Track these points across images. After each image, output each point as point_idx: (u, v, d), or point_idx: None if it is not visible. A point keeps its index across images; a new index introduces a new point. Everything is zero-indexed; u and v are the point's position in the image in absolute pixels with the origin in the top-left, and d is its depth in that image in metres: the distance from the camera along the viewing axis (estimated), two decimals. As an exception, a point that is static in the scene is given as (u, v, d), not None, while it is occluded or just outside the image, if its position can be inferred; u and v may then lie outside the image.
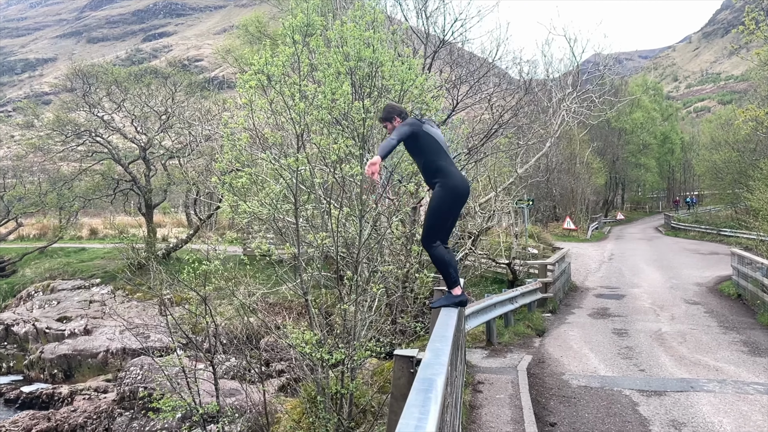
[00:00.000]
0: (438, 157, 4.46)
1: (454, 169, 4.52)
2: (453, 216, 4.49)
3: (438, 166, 4.44)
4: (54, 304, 20.75)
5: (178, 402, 8.36)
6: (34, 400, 14.61)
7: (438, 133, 4.66)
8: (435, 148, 4.47)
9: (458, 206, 4.52)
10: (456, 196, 4.41)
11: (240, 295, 13.06)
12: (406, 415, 2.44)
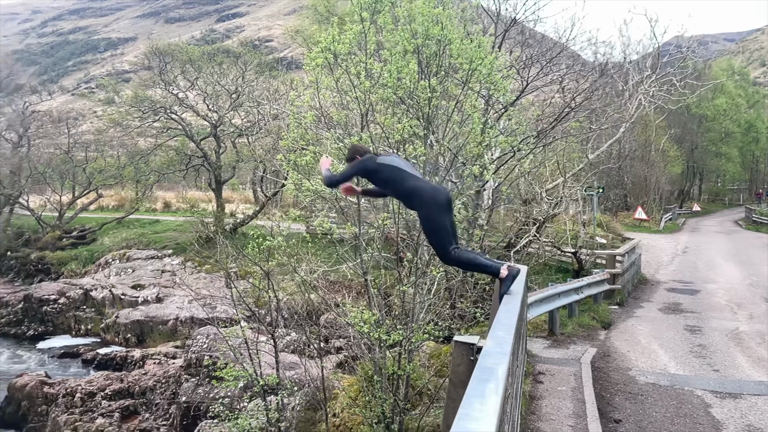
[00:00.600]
0: (403, 180, 4.56)
1: (423, 183, 4.59)
2: (445, 223, 4.50)
3: (408, 189, 4.54)
4: (129, 272, 21.93)
5: (240, 372, 8.63)
6: (109, 362, 15.54)
7: (395, 159, 4.78)
8: (396, 175, 4.58)
9: (444, 212, 4.51)
10: (436, 207, 4.44)
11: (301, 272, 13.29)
12: (466, 405, 2.33)
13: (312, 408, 9.06)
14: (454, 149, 9.92)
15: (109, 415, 12.33)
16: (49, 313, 18.45)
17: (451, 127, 9.46)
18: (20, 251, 25.46)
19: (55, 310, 18.56)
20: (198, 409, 11.27)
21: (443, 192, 4.58)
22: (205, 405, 11.24)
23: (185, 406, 11.57)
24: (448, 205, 4.49)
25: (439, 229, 4.44)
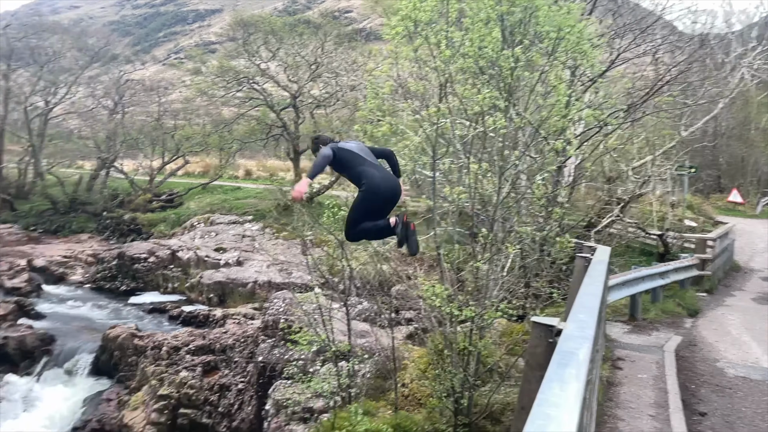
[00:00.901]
0: (357, 164, 4.83)
1: (375, 171, 4.81)
2: (377, 210, 4.77)
3: (359, 172, 4.80)
4: (212, 236, 23.03)
5: (313, 337, 8.88)
6: (192, 319, 16.47)
7: (353, 145, 5.02)
8: (352, 158, 4.84)
9: (379, 201, 4.79)
10: (376, 194, 4.73)
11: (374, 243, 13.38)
12: (545, 389, 2.24)
13: (381, 376, 9.21)
14: (536, 123, 9.54)
15: (192, 369, 13.10)
16: (139, 270, 19.76)
17: (534, 99, 9.09)
18: (115, 212, 27.32)
19: (145, 268, 19.84)
20: (273, 369, 11.75)
21: (391, 184, 4.83)
22: (280, 366, 11.69)
23: (261, 365, 12.09)
24: (392, 197, 4.80)
25: (367, 212, 4.71)
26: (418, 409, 8.00)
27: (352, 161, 4.88)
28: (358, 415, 7.13)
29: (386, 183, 4.87)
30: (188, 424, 12.33)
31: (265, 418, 11.12)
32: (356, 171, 4.85)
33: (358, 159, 4.89)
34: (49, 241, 25.02)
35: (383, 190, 4.79)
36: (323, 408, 9.44)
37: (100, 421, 12.45)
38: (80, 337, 14.90)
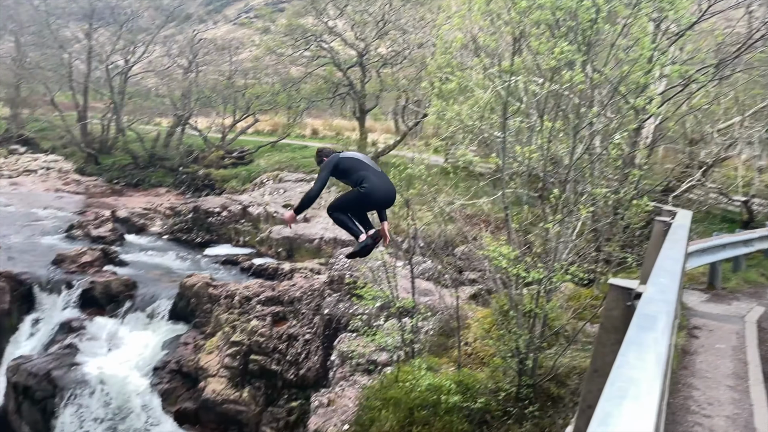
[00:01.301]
0: (360, 168, 5.11)
1: (376, 178, 5.08)
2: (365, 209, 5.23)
3: (362, 176, 5.06)
4: (281, 192, 23.65)
5: (378, 292, 9.04)
6: (262, 272, 17.13)
7: (356, 153, 5.40)
8: (355, 164, 5.14)
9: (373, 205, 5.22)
10: (372, 199, 5.09)
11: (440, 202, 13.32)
12: (624, 352, 2.18)
13: (444, 334, 9.30)
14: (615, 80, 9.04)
15: (262, 318, 13.71)
16: (213, 224, 20.64)
17: (614, 54, 8.58)
18: (190, 167, 28.50)
19: (218, 221, 20.70)
20: (338, 322, 12.11)
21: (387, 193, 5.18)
22: (344, 319, 12.03)
23: (327, 317, 12.48)
24: (386, 203, 5.24)
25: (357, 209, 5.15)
26: (481, 367, 8.05)
27: (356, 166, 5.19)
28: (422, 370, 7.26)
29: (385, 190, 5.20)
30: (258, 369, 12.99)
31: (330, 368, 11.54)
32: (358, 175, 5.12)
33: (362, 165, 5.19)
34: (130, 194, 26.53)
35: (380, 197, 5.15)
36: (387, 361, 9.68)
37: (179, 363, 13.33)
38: (160, 284, 15.85)
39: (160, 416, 12.28)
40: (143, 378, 12.91)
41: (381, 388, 8.07)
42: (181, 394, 12.88)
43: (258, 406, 12.79)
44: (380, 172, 5.33)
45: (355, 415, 8.63)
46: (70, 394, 12.06)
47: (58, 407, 11.99)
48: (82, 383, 12.21)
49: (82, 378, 12.27)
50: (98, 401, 11.97)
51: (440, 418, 7.03)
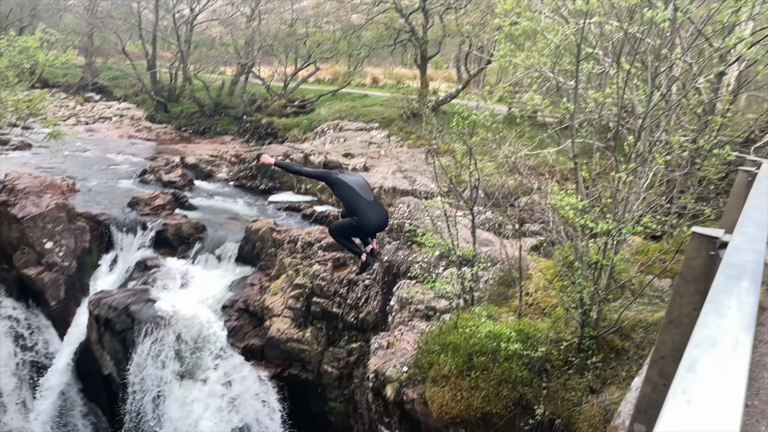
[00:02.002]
0: (354, 200, 5.90)
1: (369, 210, 5.89)
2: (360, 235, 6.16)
3: (355, 207, 5.89)
4: (341, 141, 23.77)
5: (438, 240, 9.05)
6: (323, 219, 17.46)
7: (353, 179, 6.05)
8: (351, 194, 5.87)
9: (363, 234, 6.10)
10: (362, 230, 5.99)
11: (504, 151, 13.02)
12: (713, 300, 2.10)
13: (504, 284, 9.26)
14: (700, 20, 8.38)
15: (323, 263, 14.09)
16: (276, 171, 21.10)
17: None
18: (253, 116, 29.00)
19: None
20: (398, 269, 12.27)
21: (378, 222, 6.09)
22: (404, 267, 12.17)
23: (386, 264, 12.66)
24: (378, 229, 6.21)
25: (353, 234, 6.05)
26: (542, 318, 8.00)
27: (351, 196, 5.93)
28: (482, 317, 7.30)
29: (376, 221, 6.03)
30: (320, 311, 13.46)
31: (389, 313, 11.79)
32: (352, 206, 5.91)
33: (355, 195, 5.91)
34: (197, 141, 27.39)
35: (372, 227, 6.04)
36: (445, 308, 9.79)
37: (245, 302, 13.98)
38: (227, 228, 16.49)
39: (229, 351, 13.01)
40: (213, 315, 13.64)
41: (440, 334, 8.19)
42: (248, 331, 13.56)
43: (320, 345, 13.31)
44: (372, 202, 6.07)
45: (413, 358, 8.84)
46: (147, 327, 12.92)
47: (136, 339, 12.89)
48: (157, 318, 13.03)
49: (157, 313, 13.08)
50: (172, 335, 12.78)
51: (499, 365, 7.09)
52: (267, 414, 12.56)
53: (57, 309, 14.43)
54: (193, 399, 12.38)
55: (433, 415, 7.64)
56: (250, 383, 12.74)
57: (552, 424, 6.60)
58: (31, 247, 14.46)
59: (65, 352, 14.21)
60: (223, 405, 12.33)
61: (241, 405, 12.51)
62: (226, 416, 12.23)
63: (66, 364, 14.07)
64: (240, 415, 12.46)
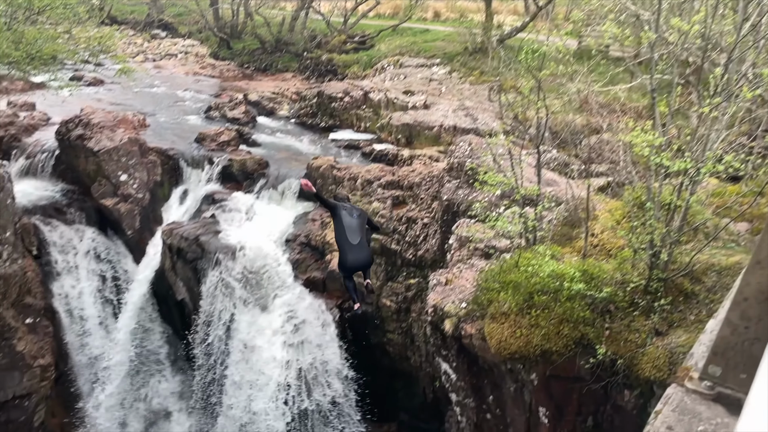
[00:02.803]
0: (342, 237, 7.02)
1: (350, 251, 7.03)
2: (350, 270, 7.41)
3: (340, 243, 7.07)
4: (401, 78, 23.33)
5: (501, 179, 8.88)
6: (383, 157, 17.43)
7: (348, 220, 7.08)
8: (341, 230, 7.00)
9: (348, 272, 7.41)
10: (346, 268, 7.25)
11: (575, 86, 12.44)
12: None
13: (569, 224, 9.06)
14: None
15: (382, 201, 14.20)
16: (336, 109, 21.04)
17: None
18: (314, 52, 28.76)
19: (341, 107, 21.04)
20: (457, 207, 12.21)
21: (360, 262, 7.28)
22: (463, 206, 12.09)
23: (446, 203, 12.62)
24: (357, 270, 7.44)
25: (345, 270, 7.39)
26: (607, 259, 7.82)
27: (339, 235, 7.13)
28: (546, 257, 7.21)
29: (352, 262, 7.21)
30: (379, 247, 13.68)
31: (447, 251, 11.85)
32: (339, 240, 7.15)
33: (342, 236, 7.09)
34: (259, 78, 27.58)
35: (347, 266, 7.24)
36: (506, 248, 9.71)
37: (307, 237, 14.37)
38: (289, 165, 16.78)
39: (292, 282, 13.53)
40: (277, 248, 14.13)
41: (500, 272, 8.18)
42: (310, 264, 14.01)
43: (378, 280, 13.62)
44: (355, 245, 7.14)
45: (472, 295, 8.91)
46: (215, 258, 13.56)
47: (206, 268, 13.58)
48: (225, 248, 13.63)
49: (224, 244, 13.68)
50: (239, 265, 13.38)
51: (561, 304, 7.05)
52: (327, 343, 13.12)
53: (133, 238, 15.33)
54: (259, 326, 13.07)
55: (491, 350, 7.75)
56: (312, 313, 13.28)
57: (613, 364, 6.56)
58: (108, 179, 15.26)
59: (142, 278, 15.19)
60: (286, 333, 12.96)
61: (303, 333, 13.11)
62: (289, 343, 12.86)
63: (143, 289, 15.07)
64: (302, 342, 13.07)
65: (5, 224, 12.38)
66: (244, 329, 13.11)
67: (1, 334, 12.31)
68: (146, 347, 15.13)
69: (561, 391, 7.49)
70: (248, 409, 12.75)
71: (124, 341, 14.62)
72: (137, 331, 14.93)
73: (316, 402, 12.76)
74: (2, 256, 12.25)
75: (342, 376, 13.17)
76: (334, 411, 12.99)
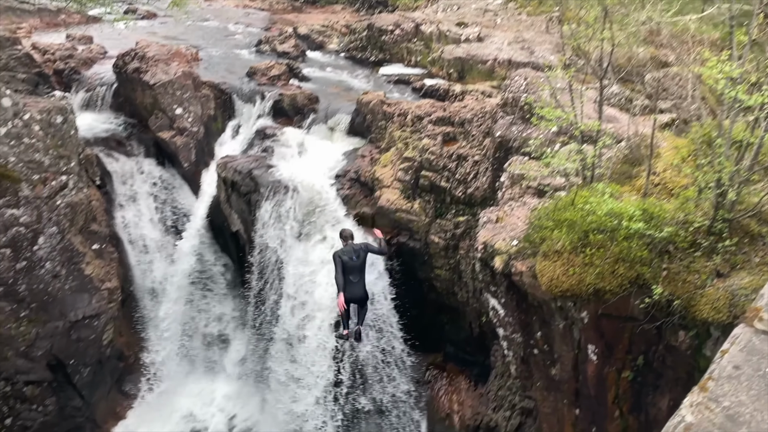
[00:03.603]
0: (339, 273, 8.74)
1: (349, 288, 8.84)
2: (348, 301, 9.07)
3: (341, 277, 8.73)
4: (454, 9, 22.42)
5: (559, 113, 8.56)
6: (434, 92, 17.06)
7: (350, 264, 8.83)
8: (339, 268, 8.73)
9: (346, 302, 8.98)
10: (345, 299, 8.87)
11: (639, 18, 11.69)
12: None
13: (629, 162, 8.74)
14: None
15: (432, 137, 14.01)
16: (386, 42, 20.53)
17: None
18: (363, -17, 27.87)
19: (391, 40, 20.51)
20: (510, 144, 11.95)
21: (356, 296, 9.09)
22: (517, 143, 11.82)
23: (498, 140, 12.36)
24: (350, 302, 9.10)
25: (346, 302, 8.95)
26: (669, 199, 7.55)
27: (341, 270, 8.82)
28: (604, 194, 7.02)
29: (351, 296, 8.95)
30: (428, 184, 13.64)
31: (498, 189, 11.70)
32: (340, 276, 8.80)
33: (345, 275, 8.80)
34: (308, 11, 27.06)
35: (346, 299, 8.84)
36: (560, 186, 9.50)
37: (357, 173, 14.44)
38: (338, 100, 16.68)
39: (342, 216, 13.74)
40: (327, 183, 14.29)
41: (555, 210, 8.04)
42: (359, 200, 14.14)
43: (427, 217, 13.66)
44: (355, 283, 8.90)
45: (524, 232, 8.83)
46: (268, 192, 13.84)
47: (259, 201, 13.91)
48: (277, 183, 13.87)
49: (276, 178, 13.91)
50: (291, 199, 13.63)
51: (617, 243, 6.91)
52: (377, 277, 13.40)
53: (189, 170, 15.78)
54: (311, 258, 13.43)
55: (542, 288, 7.74)
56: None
57: (669, 305, 6.46)
58: (164, 112, 15.59)
59: (199, 209, 15.73)
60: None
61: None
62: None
63: (200, 220, 15.65)
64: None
65: (70, 155, 12.93)
66: (296, 261, 13.51)
67: (70, 258, 13.12)
68: (204, 274, 15.89)
69: (612, 330, 7.47)
70: (301, 327, 13.31)
71: (183, 269, 15.37)
72: (195, 260, 15.64)
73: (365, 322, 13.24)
74: (68, 185, 12.88)
75: (388, 308, 13.49)
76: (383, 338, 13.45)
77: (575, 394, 8.52)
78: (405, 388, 14.02)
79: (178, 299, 15.51)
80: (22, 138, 12.11)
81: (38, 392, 12.88)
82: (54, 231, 12.70)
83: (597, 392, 8.01)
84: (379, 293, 13.32)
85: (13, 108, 12.02)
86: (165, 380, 15.43)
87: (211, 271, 15.91)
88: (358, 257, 8.93)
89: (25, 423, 12.87)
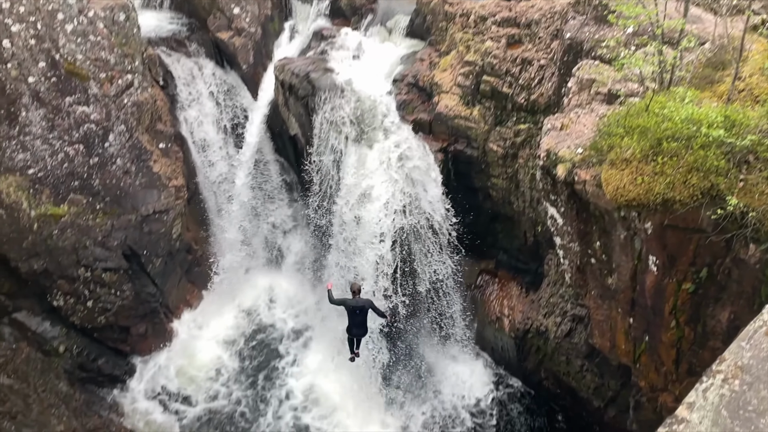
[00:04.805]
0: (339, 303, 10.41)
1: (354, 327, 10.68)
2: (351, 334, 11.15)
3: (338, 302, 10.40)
4: None
5: (640, 9, 7.92)
6: (499, -9, 16.01)
7: (352, 307, 10.34)
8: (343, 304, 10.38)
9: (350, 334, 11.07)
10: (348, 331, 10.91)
11: None
12: None
13: (712, 66, 8.13)
14: None
15: (496, 40, 13.36)
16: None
17: None
18: None
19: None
20: (580, 47, 11.27)
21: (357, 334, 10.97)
22: (588, 45, 11.13)
23: (568, 42, 11.66)
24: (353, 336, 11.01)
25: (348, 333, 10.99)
26: (754, 106, 7.06)
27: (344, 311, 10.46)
28: (683, 100, 6.62)
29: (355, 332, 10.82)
30: (489, 90, 13.20)
31: (565, 95, 11.19)
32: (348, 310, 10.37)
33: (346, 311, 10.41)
34: None
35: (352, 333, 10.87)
36: (632, 92, 9.00)
37: (415, 77, 14.06)
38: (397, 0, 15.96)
39: (399, 123, 13.60)
40: (384, 88, 14.03)
41: (627, 116, 7.67)
42: (416, 105, 13.90)
43: (487, 124, 13.34)
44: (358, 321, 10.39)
45: (590, 140, 8.52)
46: (325, 95, 13.74)
47: (317, 104, 13.87)
48: (334, 86, 13.71)
49: (334, 81, 13.74)
50: (347, 103, 13.52)
51: (693, 152, 6.59)
52: (432, 183, 13.42)
53: (248, 72, 15.78)
54: (366, 162, 13.50)
55: (606, 197, 7.57)
56: (418, 154, 13.44)
57: (743, 217, 6.21)
58: (222, 12, 15.38)
59: (258, 112, 15.89)
60: (392, 170, 13.32)
61: (408, 172, 13.43)
62: (394, 178, 13.26)
63: (259, 122, 15.85)
64: (406, 180, 13.45)
65: (134, 53, 13.11)
66: (352, 164, 13.62)
67: (139, 156, 13.68)
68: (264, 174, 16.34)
69: (676, 241, 7.31)
70: (357, 220, 13.59)
71: (245, 168, 15.80)
72: (255, 162, 16.02)
73: (416, 222, 13.39)
74: (134, 84, 13.17)
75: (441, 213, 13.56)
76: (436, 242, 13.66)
77: (630, 304, 8.54)
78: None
79: (240, 197, 16.10)
80: (87, 35, 12.30)
81: (116, 278, 13.96)
82: (123, 129, 13.17)
83: (654, 302, 8.00)
84: (434, 200, 13.42)
85: (78, 4, 12.12)
86: (229, 274, 16.40)
87: (271, 172, 16.31)
88: (361, 311, 10.30)
89: (105, 305, 14.11)
